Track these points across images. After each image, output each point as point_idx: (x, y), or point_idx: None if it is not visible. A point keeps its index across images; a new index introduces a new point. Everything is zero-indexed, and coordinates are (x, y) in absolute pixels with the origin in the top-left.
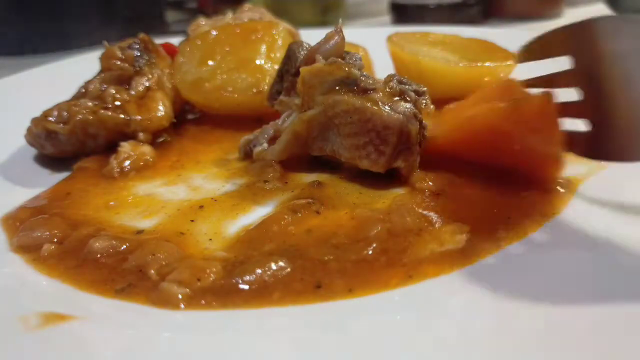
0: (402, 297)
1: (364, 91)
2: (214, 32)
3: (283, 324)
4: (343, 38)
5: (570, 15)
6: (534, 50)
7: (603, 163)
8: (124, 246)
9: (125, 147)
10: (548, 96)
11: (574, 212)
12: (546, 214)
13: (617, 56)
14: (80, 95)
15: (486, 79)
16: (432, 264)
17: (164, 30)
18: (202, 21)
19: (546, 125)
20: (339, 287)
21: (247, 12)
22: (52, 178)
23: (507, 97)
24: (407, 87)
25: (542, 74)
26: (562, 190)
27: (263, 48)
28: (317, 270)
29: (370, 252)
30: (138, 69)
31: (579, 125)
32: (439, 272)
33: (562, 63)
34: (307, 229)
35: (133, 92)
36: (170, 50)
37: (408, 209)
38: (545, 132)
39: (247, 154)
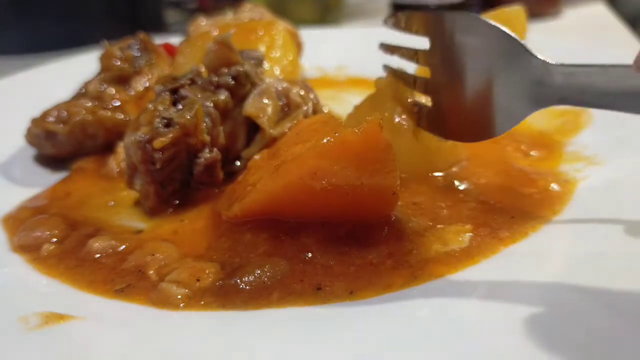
0: (406, 297)
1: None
2: (214, 32)
3: (282, 325)
4: (218, 49)
5: (570, 15)
6: (399, 21)
7: (600, 161)
8: (124, 246)
9: None
10: (378, 122)
11: (575, 212)
12: (547, 214)
13: (465, 49)
14: (79, 95)
15: None
16: (437, 264)
17: (164, 30)
18: (202, 21)
19: (378, 157)
20: (340, 289)
21: (247, 12)
22: (52, 178)
23: (326, 133)
24: (216, 78)
25: (405, 46)
26: (562, 190)
27: (263, 47)
28: (318, 272)
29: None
30: (137, 69)
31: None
32: (444, 272)
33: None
34: None
35: (132, 92)
36: (170, 50)
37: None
38: (378, 164)
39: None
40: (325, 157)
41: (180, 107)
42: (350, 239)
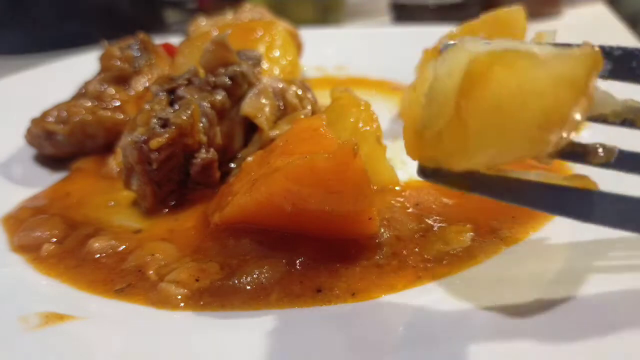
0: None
1: None
2: (214, 32)
3: (281, 325)
4: (214, 49)
5: (570, 15)
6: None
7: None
8: (123, 246)
9: None
10: (351, 147)
11: None
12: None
13: None
14: (79, 95)
15: None
16: (439, 265)
17: (164, 30)
18: (202, 21)
19: (349, 184)
20: (341, 291)
21: (247, 12)
22: (51, 178)
23: (312, 147)
24: (213, 79)
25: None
26: None
27: (262, 48)
28: (320, 273)
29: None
30: (137, 69)
31: None
32: (446, 272)
33: None
34: None
35: (132, 92)
36: (170, 50)
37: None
38: (350, 191)
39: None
40: (295, 181)
41: (176, 107)
42: (351, 240)
